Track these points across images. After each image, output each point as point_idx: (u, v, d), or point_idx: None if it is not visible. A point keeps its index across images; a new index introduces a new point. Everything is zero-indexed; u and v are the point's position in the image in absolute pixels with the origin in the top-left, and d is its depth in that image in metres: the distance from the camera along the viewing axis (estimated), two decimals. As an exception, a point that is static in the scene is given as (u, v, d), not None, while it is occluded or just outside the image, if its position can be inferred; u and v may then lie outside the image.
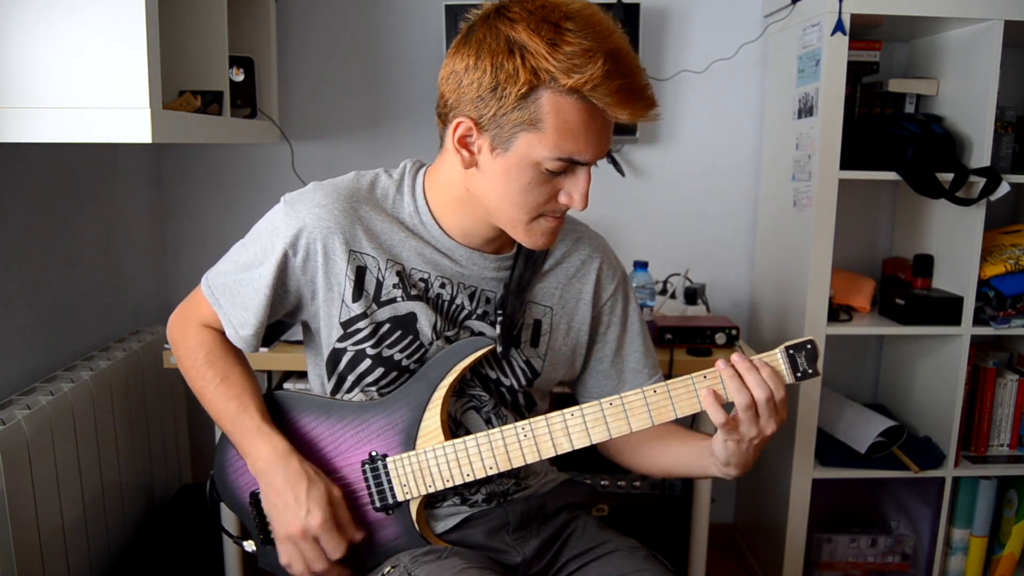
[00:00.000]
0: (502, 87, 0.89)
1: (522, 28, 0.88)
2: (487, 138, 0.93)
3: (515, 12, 0.89)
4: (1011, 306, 1.92)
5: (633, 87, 0.88)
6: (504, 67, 0.88)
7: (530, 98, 0.88)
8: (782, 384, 0.95)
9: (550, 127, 0.89)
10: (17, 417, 1.33)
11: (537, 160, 0.92)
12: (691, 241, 2.23)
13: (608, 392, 1.16)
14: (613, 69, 0.86)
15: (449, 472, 1.03)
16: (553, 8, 0.89)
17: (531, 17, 0.88)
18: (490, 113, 0.90)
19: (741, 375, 0.94)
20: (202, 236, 2.17)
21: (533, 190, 0.95)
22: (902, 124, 1.91)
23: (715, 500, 2.08)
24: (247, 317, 1.05)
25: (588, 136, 0.91)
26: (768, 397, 0.93)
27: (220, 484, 1.14)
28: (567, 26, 0.87)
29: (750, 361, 0.95)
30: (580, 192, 0.95)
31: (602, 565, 1.09)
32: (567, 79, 0.86)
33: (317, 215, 1.01)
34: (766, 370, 0.94)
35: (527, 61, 0.87)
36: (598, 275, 1.14)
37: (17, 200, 1.52)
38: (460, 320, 1.07)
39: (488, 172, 0.95)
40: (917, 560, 2.12)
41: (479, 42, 0.90)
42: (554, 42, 0.86)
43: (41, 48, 1.16)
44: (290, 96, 2.12)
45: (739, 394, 0.94)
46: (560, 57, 0.86)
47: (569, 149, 0.91)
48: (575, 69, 0.86)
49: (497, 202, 0.97)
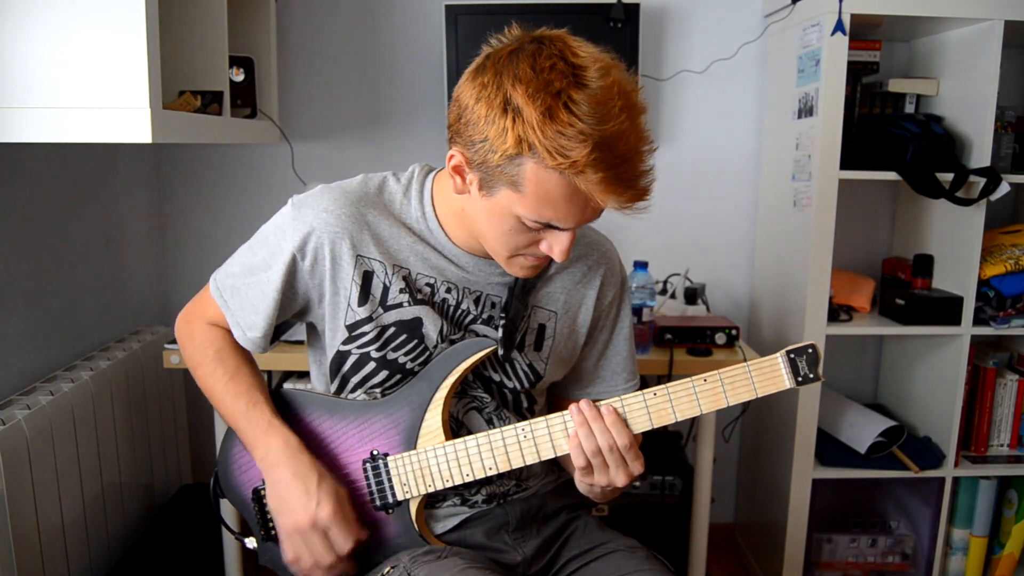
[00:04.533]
0: (492, 142, 0.86)
1: (522, 91, 0.84)
2: (476, 177, 0.92)
3: (524, 68, 0.85)
4: (1011, 306, 1.92)
5: (622, 177, 0.84)
6: (496, 123, 0.85)
7: (515, 161, 0.86)
8: (625, 431, 0.96)
9: (530, 193, 0.87)
10: (17, 417, 1.33)
11: (517, 215, 0.91)
12: (691, 241, 2.23)
13: (581, 389, 1.18)
14: (601, 157, 0.82)
15: (449, 472, 1.03)
16: (566, 75, 0.84)
17: (537, 80, 0.83)
18: (479, 160, 0.89)
19: (588, 422, 0.96)
20: (202, 236, 2.17)
21: (513, 236, 0.94)
22: (902, 124, 1.91)
23: (715, 500, 2.08)
24: (255, 319, 1.06)
25: (570, 208, 0.88)
26: (611, 445, 0.95)
27: (223, 480, 1.14)
28: (572, 99, 0.82)
29: (596, 408, 0.96)
30: (561, 248, 0.94)
31: (602, 565, 1.09)
32: (550, 159, 0.83)
33: (325, 220, 1.01)
34: (610, 417, 0.96)
35: (517, 126, 0.84)
36: (602, 281, 1.14)
37: (17, 200, 1.52)
38: (466, 325, 1.07)
39: (476, 204, 0.95)
40: (917, 560, 2.12)
41: (483, 86, 0.87)
42: (549, 115, 0.82)
43: (41, 48, 1.16)
44: (290, 96, 2.12)
45: (587, 441, 0.96)
46: (550, 134, 0.82)
47: (548, 216, 0.89)
48: (560, 151, 0.82)
49: (483, 232, 0.98)
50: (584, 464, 0.97)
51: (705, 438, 1.74)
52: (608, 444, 0.95)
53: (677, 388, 0.96)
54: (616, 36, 1.97)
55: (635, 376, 1.20)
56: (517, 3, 1.98)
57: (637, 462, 0.97)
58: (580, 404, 0.97)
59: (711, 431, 1.75)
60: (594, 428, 0.95)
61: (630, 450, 0.96)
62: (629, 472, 0.97)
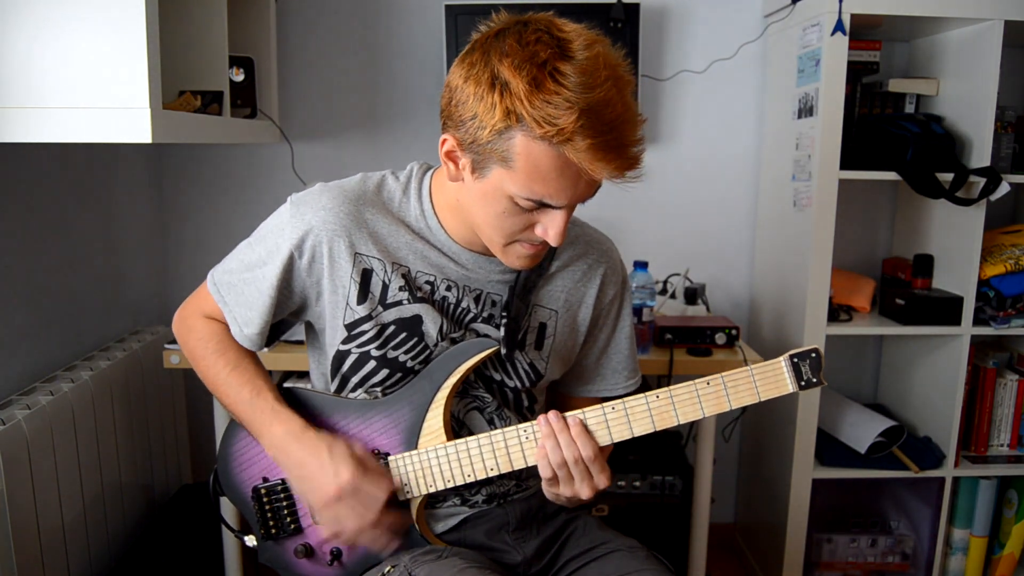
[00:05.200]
0: (480, 118, 0.87)
1: (508, 64, 0.84)
2: (468, 159, 0.92)
3: (510, 43, 0.85)
4: (1011, 306, 1.93)
5: (611, 144, 0.84)
6: (484, 99, 0.86)
7: (504, 135, 0.86)
8: (590, 443, 0.97)
9: (520, 168, 0.87)
10: (17, 417, 1.33)
11: (509, 194, 0.91)
12: (691, 241, 2.23)
13: (582, 386, 1.19)
14: (589, 124, 0.82)
15: (450, 472, 1.03)
16: (551, 46, 0.84)
17: (522, 52, 0.84)
18: (470, 139, 0.89)
19: (555, 434, 0.97)
20: (202, 236, 2.17)
21: (508, 218, 0.94)
22: (902, 124, 1.91)
23: (715, 500, 2.08)
24: (252, 316, 1.06)
25: (561, 183, 0.88)
26: (576, 457, 0.96)
27: (223, 478, 1.14)
28: (558, 69, 0.83)
29: (563, 420, 0.97)
30: (556, 230, 0.93)
31: (602, 565, 1.09)
32: (538, 128, 0.83)
33: (323, 218, 1.01)
34: (576, 429, 0.97)
35: (505, 99, 0.84)
36: (603, 280, 1.14)
37: (17, 200, 1.52)
38: (466, 323, 1.07)
39: (470, 190, 0.95)
40: (917, 560, 2.12)
41: (471, 65, 0.88)
42: (536, 85, 0.83)
43: (41, 48, 1.16)
44: (290, 96, 2.12)
45: (552, 453, 0.97)
46: (537, 103, 0.82)
47: (540, 192, 0.89)
48: (548, 120, 0.82)
49: (478, 220, 0.97)
50: (550, 475, 0.98)
51: (705, 438, 1.74)
52: (573, 456, 0.96)
53: (679, 391, 0.96)
54: (616, 36, 1.97)
55: (636, 374, 1.20)
56: (517, 3, 1.98)
57: (603, 475, 0.98)
58: (548, 416, 0.98)
59: (711, 431, 1.75)
60: (560, 440, 0.96)
61: (595, 462, 0.97)
62: (593, 485, 0.98)
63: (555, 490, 1.01)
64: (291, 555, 1.09)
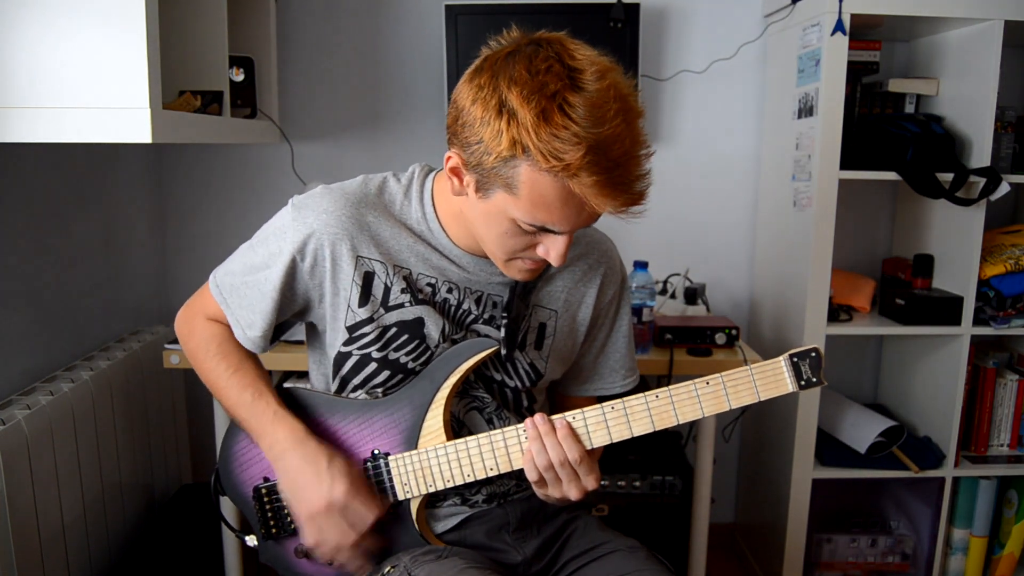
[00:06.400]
0: (486, 144, 0.86)
1: (517, 93, 0.83)
2: (472, 178, 0.92)
3: (520, 70, 0.84)
4: (1011, 306, 1.93)
5: (616, 181, 0.84)
6: (491, 125, 0.85)
7: (509, 163, 0.85)
8: (576, 446, 0.97)
9: (524, 195, 0.87)
10: (17, 417, 1.33)
11: (512, 217, 0.91)
12: (691, 241, 2.23)
13: (580, 385, 1.19)
14: (595, 160, 0.82)
15: (450, 472, 1.03)
16: (562, 77, 0.83)
17: (532, 81, 0.83)
18: (475, 161, 0.89)
19: (541, 436, 0.97)
20: (202, 236, 2.17)
21: (510, 239, 0.94)
22: (902, 124, 1.91)
23: (715, 500, 2.08)
24: (254, 319, 1.06)
25: (564, 212, 0.88)
26: (562, 460, 0.96)
27: (224, 478, 1.14)
28: (568, 101, 0.82)
29: (550, 423, 0.97)
30: (557, 252, 0.93)
31: (602, 565, 1.09)
32: (544, 161, 0.82)
33: (325, 221, 1.01)
34: (562, 431, 0.97)
35: (511, 128, 0.83)
36: (603, 280, 1.14)
37: (17, 200, 1.52)
38: (467, 324, 1.07)
39: (473, 206, 0.95)
40: (917, 560, 2.12)
41: (479, 88, 0.87)
42: (544, 118, 0.82)
43: (41, 48, 1.16)
44: (290, 96, 2.12)
45: (539, 455, 0.97)
46: (544, 136, 0.82)
47: (543, 219, 0.89)
48: (554, 153, 0.82)
49: (480, 234, 0.98)
50: (536, 478, 0.98)
51: (705, 438, 1.74)
52: (560, 459, 0.96)
53: (679, 390, 0.96)
54: (616, 36, 1.97)
55: (634, 372, 1.21)
56: (517, 3, 1.98)
57: (590, 476, 0.98)
58: (534, 418, 0.98)
59: (711, 431, 1.75)
60: (546, 442, 0.97)
61: (581, 464, 0.97)
62: (581, 486, 0.98)
63: (543, 491, 1.01)
64: (291, 555, 1.10)
